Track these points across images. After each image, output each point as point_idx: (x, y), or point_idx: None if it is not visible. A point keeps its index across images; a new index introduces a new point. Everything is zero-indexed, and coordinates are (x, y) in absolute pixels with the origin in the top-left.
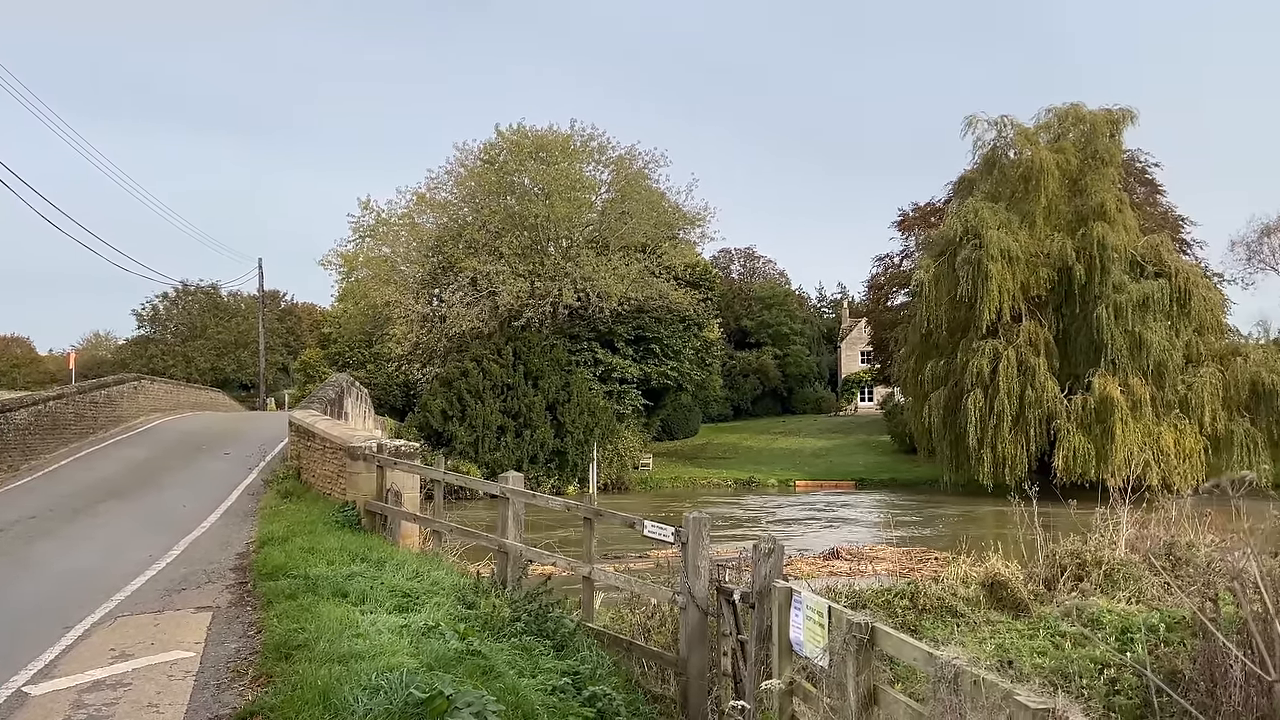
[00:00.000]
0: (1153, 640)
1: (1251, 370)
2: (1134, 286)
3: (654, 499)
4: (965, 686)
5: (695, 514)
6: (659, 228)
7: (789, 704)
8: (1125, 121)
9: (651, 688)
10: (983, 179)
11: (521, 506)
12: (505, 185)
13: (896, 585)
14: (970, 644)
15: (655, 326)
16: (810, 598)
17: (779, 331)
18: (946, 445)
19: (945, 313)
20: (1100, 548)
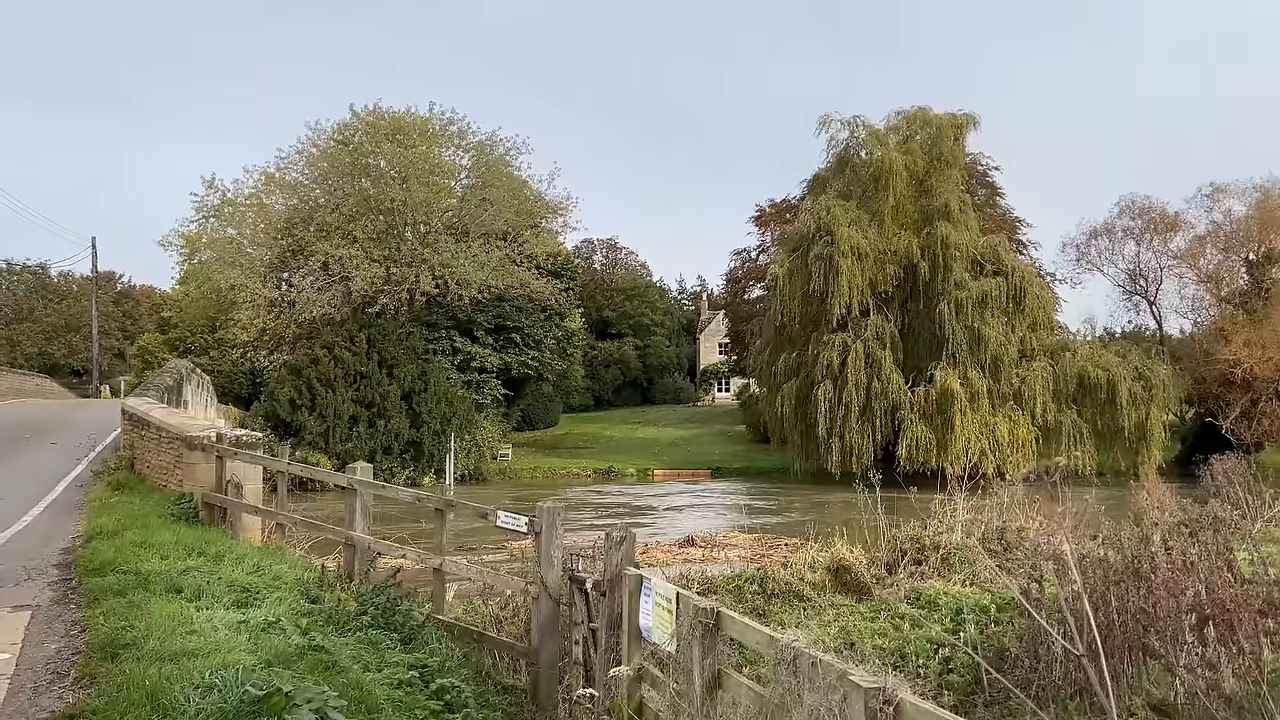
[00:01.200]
0: (984, 620)
1: (1079, 365)
2: (974, 284)
3: (513, 490)
4: (804, 668)
5: (549, 504)
6: (521, 216)
7: (637, 690)
8: (968, 126)
9: (503, 679)
10: (836, 178)
11: (370, 498)
12: (360, 167)
13: (747, 571)
14: (816, 627)
15: (516, 316)
16: (660, 585)
17: (640, 322)
18: (798, 435)
19: (799, 307)
20: (938, 533)
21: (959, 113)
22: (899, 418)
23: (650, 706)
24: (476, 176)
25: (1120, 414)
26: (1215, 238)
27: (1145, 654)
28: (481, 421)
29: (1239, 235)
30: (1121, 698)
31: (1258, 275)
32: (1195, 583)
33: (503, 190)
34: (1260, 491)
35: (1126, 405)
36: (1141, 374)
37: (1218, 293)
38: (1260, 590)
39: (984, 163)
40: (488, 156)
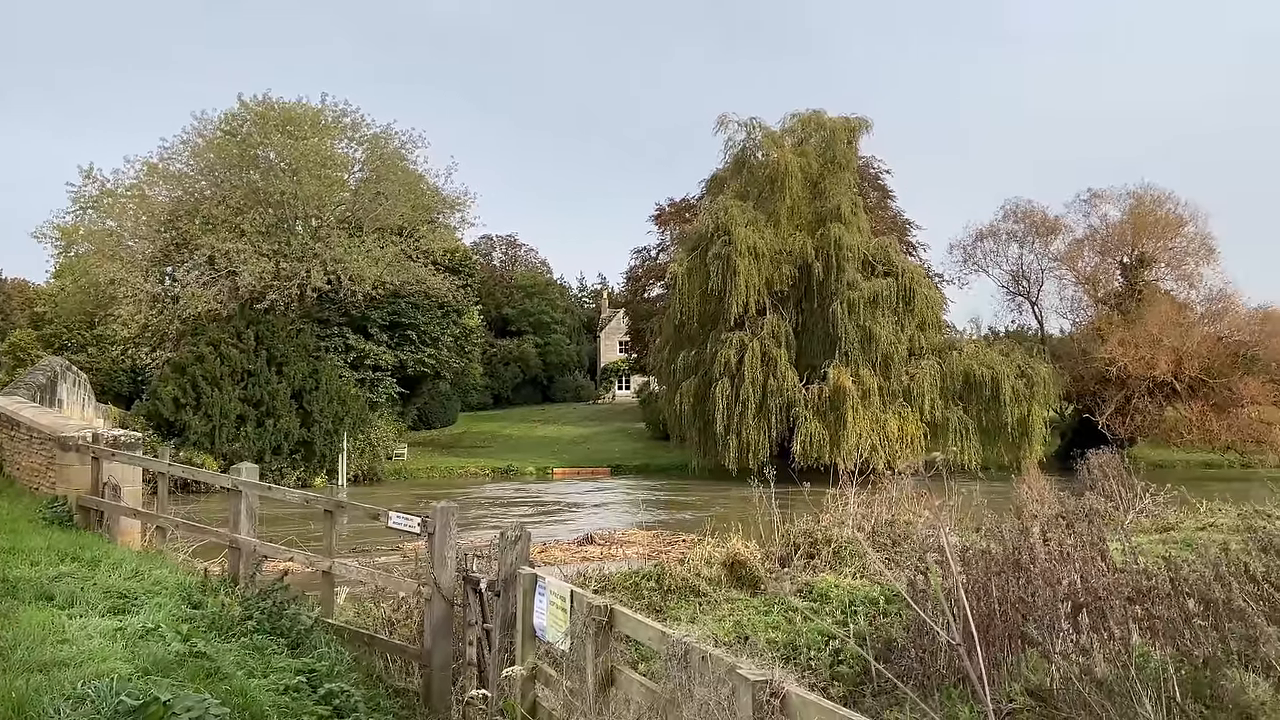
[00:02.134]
0: (873, 612)
1: (965, 363)
2: (866, 284)
3: (409, 490)
4: (694, 663)
5: (442, 504)
6: (417, 211)
7: (531, 689)
8: (861, 129)
9: (395, 682)
10: (733, 178)
11: (256, 499)
12: (249, 159)
13: (645, 568)
14: (711, 621)
15: (412, 312)
16: (554, 583)
17: (540, 320)
18: (696, 432)
19: (697, 305)
20: (830, 527)
21: (852, 116)
22: (794, 414)
23: (544, 705)
24: (371, 170)
25: (1004, 410)
26: (1092, 241)
27: (1024, 642)
28: (376, 421)
29: (1114, 239)
30: (1001, 684)
31: (1131, 278)
32: (1071, 572)
33: (398, 184)
34: (1132, 484)
35: (1010, 402)
36: (1024, 372)
37: (1095, 294)
38: (1130, 579)
39: (876, 166)
40: (382, 150)
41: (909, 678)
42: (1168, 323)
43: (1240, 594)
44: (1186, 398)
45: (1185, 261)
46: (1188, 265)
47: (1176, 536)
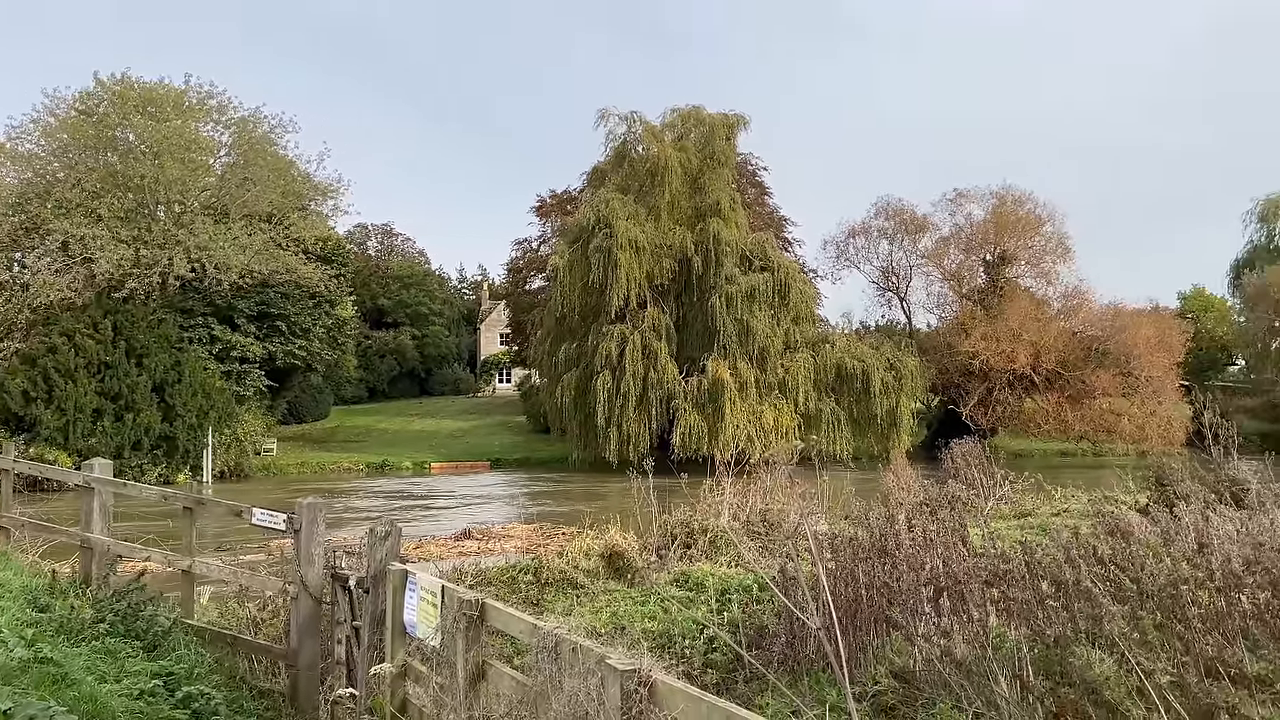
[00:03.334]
0: (747, 599)
1: (837, 356)
2: (743, 279)
3: (278, 486)
4: (565, 654)
5: (309, 500)
6: (287, 197)
7: (401, 686)
8: (739, 126)
9: (260, 683)
10: (614, 171)
11: (110, 497)
12: (106, 140)
13: (522, 562)
14: (588, 613)
15: (282, 303)
16: (425, 579)
17: (418, 311)
18: (577, 424)
19: (579, 298)
20: (707, 517)
21: (730, 113)
22: (674, 407)
23: (414, 703)
24: (238, 154)
25: (874, 402)
26: (958, 239)
27: (889, 625)
28: (243, 414)
29: (978, 238)
30: (868, 667)
31: (994, 274)
32: (934, 558)
33: (267, 170)
34: (993, 473)
35: (879, 394)
36: (893, 365)
37: (959, 290)
38: (988, 563)
39: (754, 163)
40: (251, 134)
41: (780, 663)
42: (1027, 318)
43: (1089, 575)
44: (1044, 390)
45: (1043, 259)
46: (1046, 263)
47: (1033, 522)
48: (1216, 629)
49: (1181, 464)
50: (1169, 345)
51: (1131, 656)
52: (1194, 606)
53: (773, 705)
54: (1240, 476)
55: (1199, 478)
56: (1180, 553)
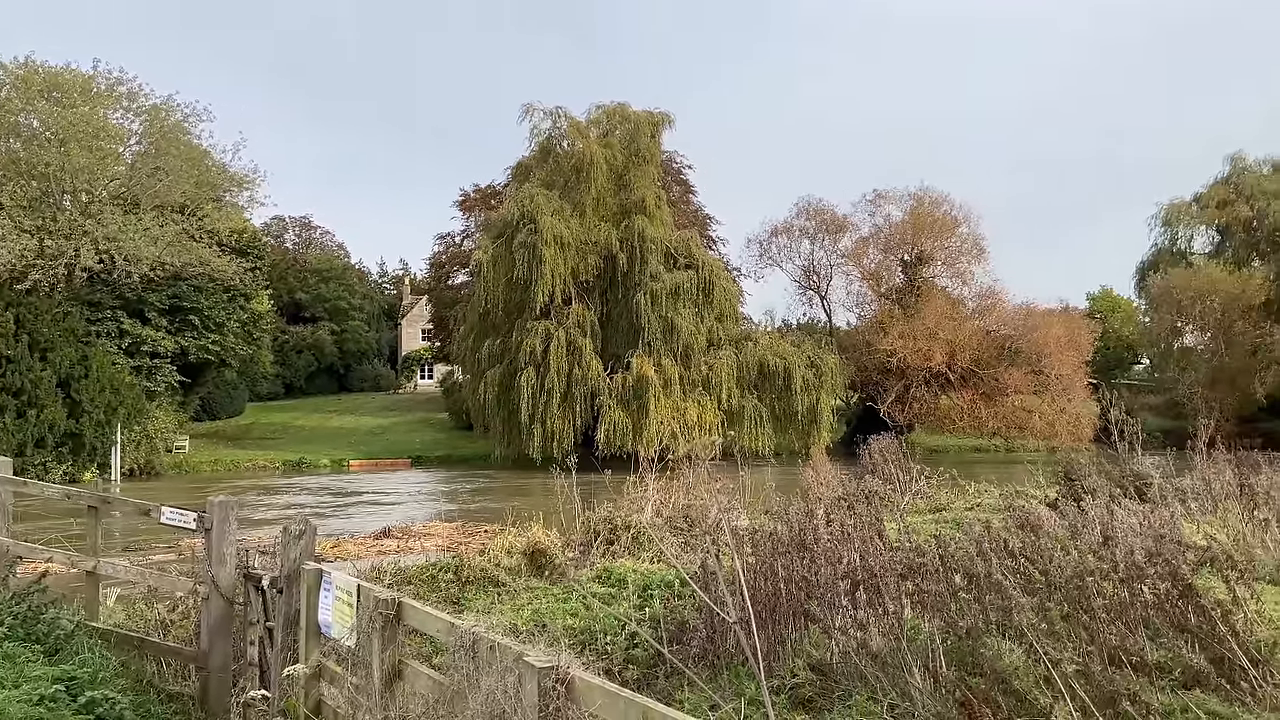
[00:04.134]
0: (669, 595)
1: (760, 353)
2: (668, 276)
3: (191, 484)
4: (482, 652)
5: (221, 498)
6: (201, 188)
7: (315, 688)
8: (664, 124)
9: (169, 686)
10: (539, 166)
11: (9, 495)
12: (8, 126)
13: (443, 560)
14: (510, 611)
15: (195, 296)
16: (340, 578)
17: (337, 306)
18: (500, 421)
19: (503, 293)
20: (630, 513)
21: (656, 111)
22: (598, 403)
23: (329, 704)
24: (150, 143)
25: (795, 399)
26: (877, 239)
27: (808, 619)
28: (154, 411)
29: (896, 238)
30: (786, 660)
31: (911, 274)
32: (851, 552)
33: (180, 159)
34: (909, 468)
35: (800, 391)
36: (814, 362)
37: (878, 289)
38: (904, 556)
39: (678, 161)
40: (163, 122)
41: (701, 658)
42: (943, 317)
43: (1000, 568)
44: (959, 387)
45: (959, 260)
46: (961, 264)
47: (948, 516)
48: (1120, 619)
49: (1089, 459)
50: (1078, 344)
51: (1039, 646)
52: (1099, 597)
53: (692, 699)
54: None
55: (1105, 473)
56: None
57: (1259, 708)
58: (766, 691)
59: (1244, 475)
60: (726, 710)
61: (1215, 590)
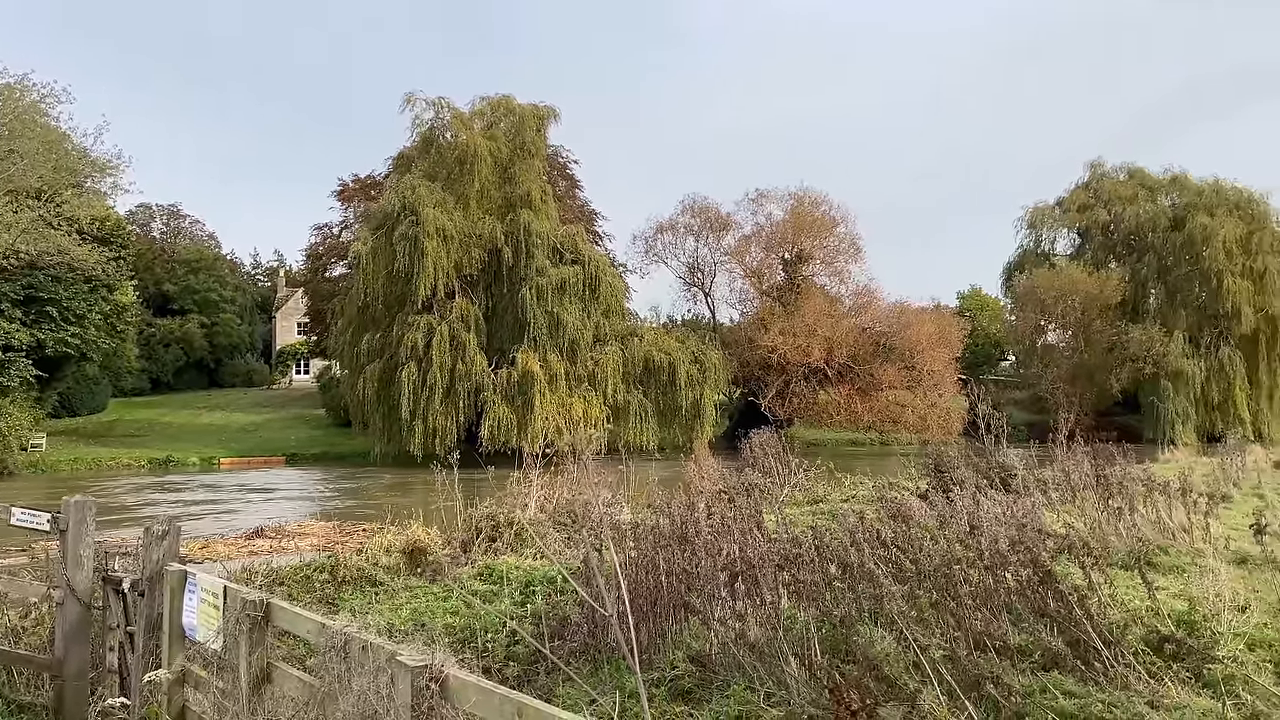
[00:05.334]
0: (551, 591)
1: (645, 349)
2: (554, 271)
3: (48, 484)
4: (355, 653)
5: (77, 497)
6: (59, 173)
7: (179, 694)
8: (550, 118)
9: (20, 696)
10: (421, 157)
11: None
12: None
13: (318, 560)
14: (387, 611)
15: (52, 286)
16: (206, 579)
17: (207, 298)
18: (380, 418)
19: (383, 287)
20: (513, 509)
21: (541, 104)
22: (482, 399)
23: (194, 709)
24: (2, 125)
25: (679, 394)
26: (759, 238)
27: (688, 611)
28: (7, 407)
29: (778, 236)
30: (667, 652)
31: (792, 272)
32: (730, 544)
33: (36, 142)
34: (788, 461)
35: (685, 386)
36: (698, 358)
37: (760, 286)
38: (781, 547)
39: (564, 155)
40: (16, 103)
41: (582, 653)
42: (821, 314)
43: (872, 557)
44: (836, 382)
45: (837, 259)
46: (839, 262)
47: (824, 508)
48: (985, 605)
49: (958, 452)
50: (948, 341)
51: (909, 633)
52: (965, 584)
53: (573, 695)
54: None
55: (973, 464)
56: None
57: (1111, 686)
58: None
59: (1100, 466)
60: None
61: (1073, 576)
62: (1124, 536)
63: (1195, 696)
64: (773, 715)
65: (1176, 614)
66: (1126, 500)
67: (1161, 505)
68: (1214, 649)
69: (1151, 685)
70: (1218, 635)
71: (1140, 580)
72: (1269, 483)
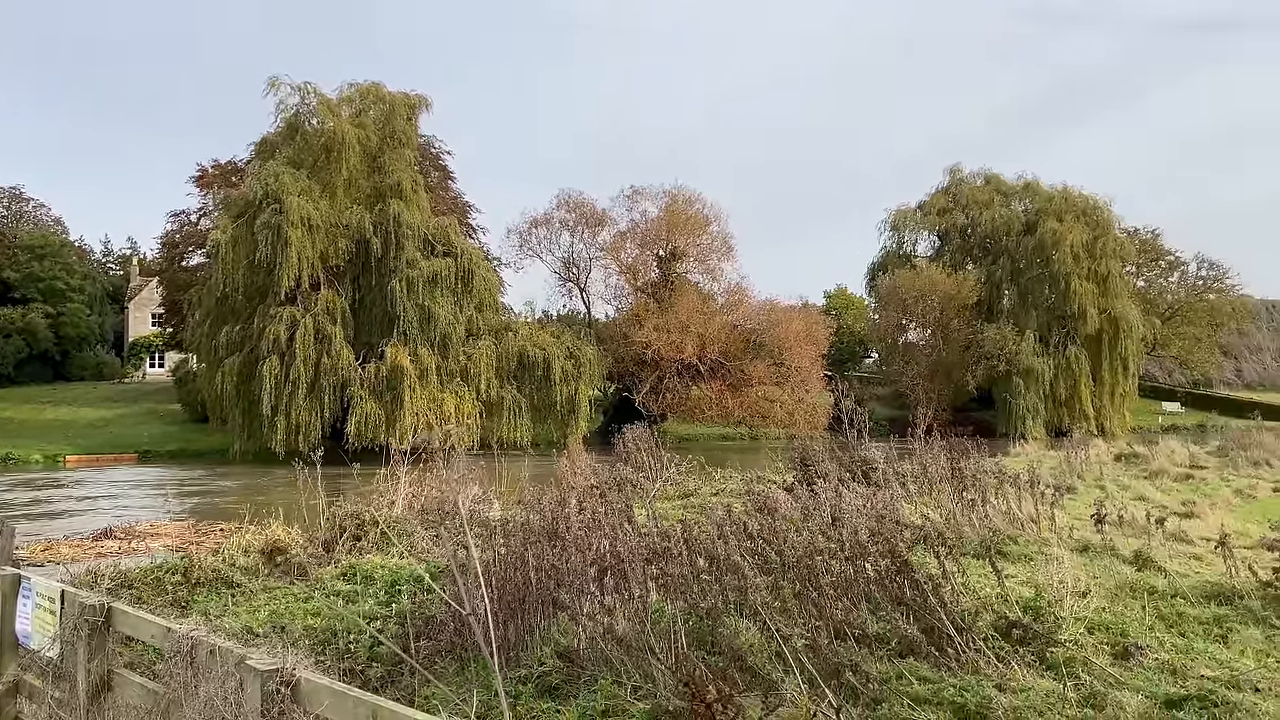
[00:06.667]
0: (417, 590)
1: (520, 344)
2: (425, 263)
3: None
4: (202, 658)
5: None
6: None
7: (12, 705)
8: (421, 107)
9: None
10: (286, 144)
11: None
12: None
13: (171, 561)
14: (244, 613)
15: None
16: (41, 584)
17: (53, 287)
18: (240, 413)
19: (244, 277)
20: (380, 507)
21: (412, 92)
22: (349, 394)
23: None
24: None
25: (554, 390)
26: (634, 234)
27: (557, 607)
28: None
29: (652, 234)
30: (535, 649)
31: (666, 269)
32: (601, 539)
33: None
34: (661, 456)
35: (559, 382)
36: (573, 354)
37: (635, 283)
38: (650, 541)
39: (437, 145)
40: None
41: (449, 651)
42: (694, 311)
43: (738, 549)
44: (708, 378)
45: (710, 257)
46: (712, 260)
47: (695, 502)
48: (846, 594)
49: (823, 446)
50: (815, 339)
51: (772, 623)
52: (827, 575)
53: (439, 694)
54: (870, 457)
55: (836, 458)
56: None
57: (963, 671)
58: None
59: (955, 459)
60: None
61: (929, 565)
62: (977, 527)
63: (1039, 678)
64: (639, 709)
65: (1024, 600)
66: (980, 492)
67: (1012, 497)
68: (1057, 633)
69: (1000, 669)
70: (1060, 620)
71: (991, 568)
72: (1109, 474)
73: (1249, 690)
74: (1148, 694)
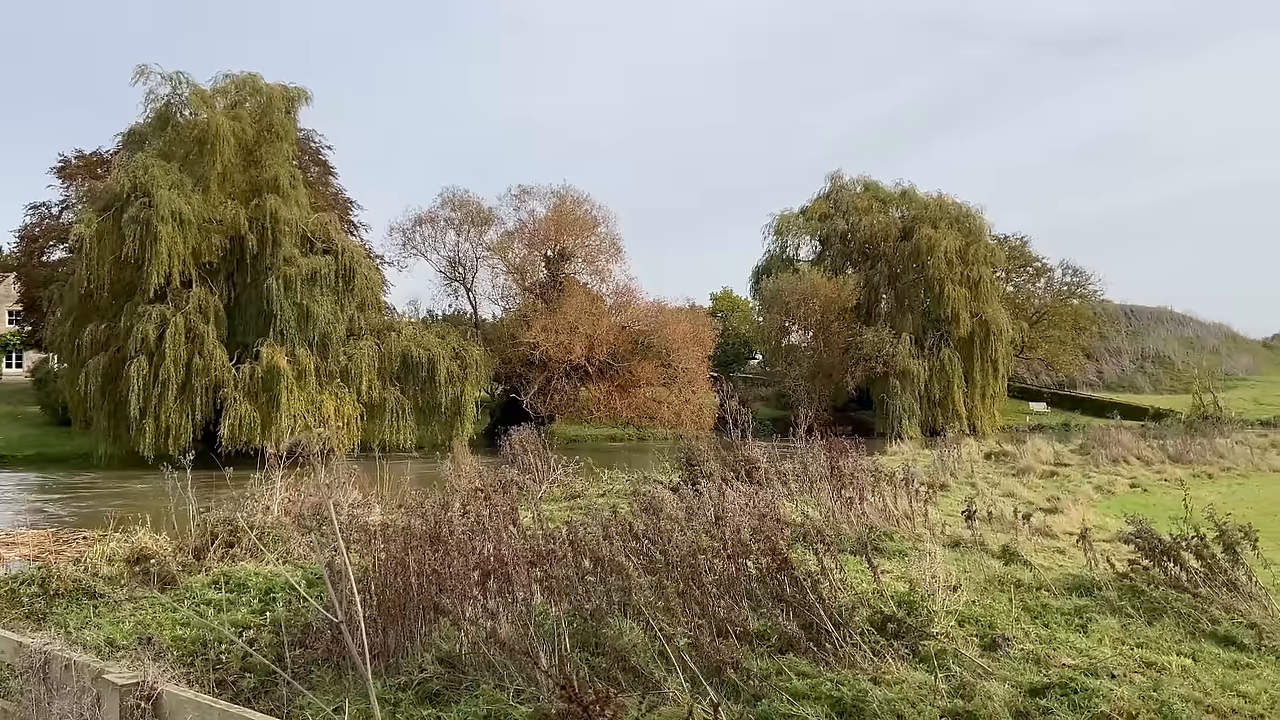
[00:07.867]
0: (293, 597)
1: (403, 344)
2: (304, 261)
3: None
4: (56, 673)
5: None
6: None
7: None
8: (301, 100)
9: None
10: (156, 135)
11: None
12: None
13: (27, 571)
14: (107, 625)
15: None
16: None
17: None
18: (105, 415)
19: (110, 273)
20: (254, 513)
21: (291, 85)
22: (222, 396)
23: None
24: None
25: (439, 391)
26: (522, 234)
27: (439, 612)
28: None
29: (540, 234)
30: (415, 655)
31: (554, 270)
32: (484, 542)
33: None
34: (548, 457)
35: (445, 383)
36: (459, 354)
37: (523, 283)
38: (535, 543)
39: (317, 140)
40: None
41: (326, 659)
42: (583, 312)
43: (623, 550)
44: (597, 379)
45: (599, 258)
46: (600, 261)
47: (581, 503)
48: (728, 592)
49: (708, 446)
50: (702, 340)
51: (655, 623)
52: (710, 573)
53: (313, 705)
54: (753, 456)
55: (721, 458)
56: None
57: (840, 665)
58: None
59: (834, 458)
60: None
61: (808, 562)
62: (854, 524)
63: (913, 671)
64: (521, 712)
65: (898, 595)
66: (857, 490)
67: (888, 494)
68: (929, 626)
69: (875, 663)
70: (933, 614)
71: (868, 565)
72: (980, 472)
73: (1106, 677)
74: (1014, 683)
